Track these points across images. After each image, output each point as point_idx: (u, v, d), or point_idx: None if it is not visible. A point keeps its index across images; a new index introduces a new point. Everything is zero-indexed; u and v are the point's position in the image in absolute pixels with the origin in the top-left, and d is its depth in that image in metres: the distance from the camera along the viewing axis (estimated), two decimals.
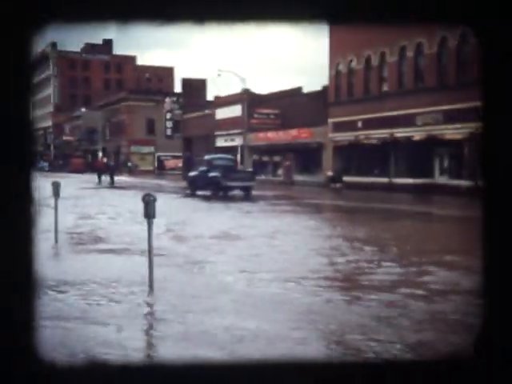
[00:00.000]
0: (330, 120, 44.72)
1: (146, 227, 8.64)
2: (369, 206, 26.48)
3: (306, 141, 47.03)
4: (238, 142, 56.20)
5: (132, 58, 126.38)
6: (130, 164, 76.90)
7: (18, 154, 1.49)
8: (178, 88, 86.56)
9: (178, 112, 68.46)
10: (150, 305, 7.95)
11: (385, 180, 39.22)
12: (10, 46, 1.46)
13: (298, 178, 48.12)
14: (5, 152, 1.48)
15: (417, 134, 36.56)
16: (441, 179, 35.56)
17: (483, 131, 1.54)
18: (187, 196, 32.30)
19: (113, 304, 7.89)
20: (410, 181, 36.85)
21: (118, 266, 10.77)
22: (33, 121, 1.51)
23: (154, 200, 8.57)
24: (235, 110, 55.82)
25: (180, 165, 67.43)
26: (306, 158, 47.62)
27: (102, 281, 9.24)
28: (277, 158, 51.90)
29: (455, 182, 34.02)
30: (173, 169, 72.55)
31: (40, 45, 1.58)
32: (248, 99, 54.33)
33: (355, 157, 42.32)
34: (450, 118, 34.02)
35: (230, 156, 38.85)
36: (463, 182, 33.25)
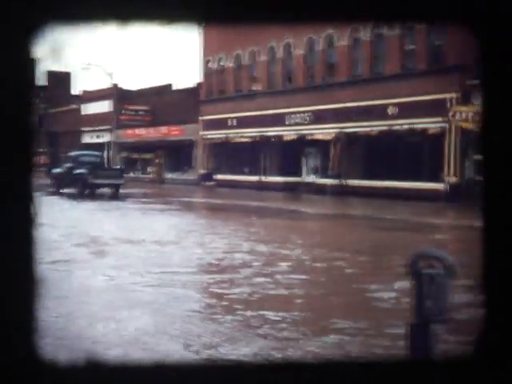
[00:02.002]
0: (202, 118, 44.39)
1: None
2: (238, 204, 26.45)
3: (177, 138, 46.41)
4: (106, 138, 54.53)
5: None
6: None
7: (19, 154, 1.50)
8: (41, 81, 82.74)
9: (41, 106, 65.45)
10: None
11: (256, 178, 39.47)
12: (10, 45, 1.48)
13: (170, 176, 47.40)
14: (5, 152, 1.49)
15: (286, 133, 37.05)
16: (309, 178, 36.28)
17: (484, 131, 1.56)
18: (50, 194, 30.73)
19: None
20: (280, 179, 37.31)
21: None
22: (33, 121, 1.51)
23: None
24: (103, 106, 54.11)
25: (43, 161, 64.54)
26: (178, 155, 47.02)
27: None
28: (147, 156, 50.88)
29: (322, 180, 34.82)
30: (36, 165, 69.23)
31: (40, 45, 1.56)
32: (116, 95, 52.85)
33: (227, 155, 42.29)
34: (317, 118, 34.74)
35: (97, 153, 37.57)
36: (330, 181, 34.08)
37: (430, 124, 28.72)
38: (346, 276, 9.85)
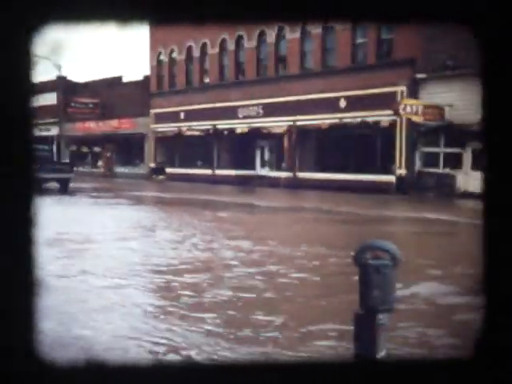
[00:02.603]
0: (153, 111, 43.89)
1: None
2: (190, 198, 26.25)
3: (127, 131, 45.78)
4: (54, 131, 53.46)
5: None
6: None
7: (19, 154, 1.50)
8: None
9: None
10: None
11: (208, 172, 39.26)
12: (10, 45, 1.48)
13: (120, 169, 46.76)
14: (5, 152, 1.49)
15: (239, 126, 36.94)
16: (262, 171, 36.27)
17: (484, 130, 1.56)
18: None
19: None
20: (233, 172, 37.20)
21: None
22: (33, 121, 1.52)
23: None
24: (50, 98, 53.01)
25: None
26: (128, 149, 46.40)
27: None
28: (97, 149, 50.07)
29: (275, 173, 34.86)
30: None
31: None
32: (64, 87, 51.80)
33: (178, 148, 41.94)
34: (270, 111, 34.74)
35: (45, 146, 36.79)
36: (283, 174, 34.15)
37: (380, 117, 29.04)
38: (302, 267, 9.83)
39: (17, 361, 1.55)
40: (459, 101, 26.45)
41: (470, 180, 26.27)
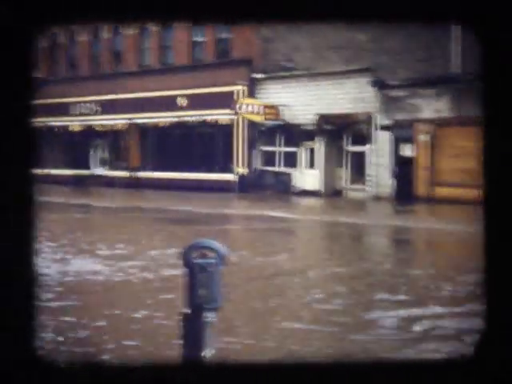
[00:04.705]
0: None
1: None
2: None
3: None
4: None
5: None
6: None
7: (19, 154, 1.51)
8: None
9: None
10: None
11: (41, 171, 37.46)
12: (10, 45, 1.49)
13: None
14: (5, 152, 1.49)
15: (72, 123, 35.59)
16: (98, 170, 35.22)
17: (485, 129, 1.57)
18: None
19: None
20: (67, 172, 35.78)
21: None
22: (33, 120, 1.54)
23: None
24: None
25: None
26: None
27: None
28: None
29: (112, 173, 34.01)
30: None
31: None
32: None
33: None
34: (106, 108, 33.83)
35: None
36: (121, 173, 33.41)
37: (220, 116, 29.28)
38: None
39: (17, 361, 1.53)
40: (294, 101, 27.36)
41: (304, 178, 27.28)
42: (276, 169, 28.48)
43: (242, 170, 28.97)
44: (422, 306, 7.38)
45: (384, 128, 24.56)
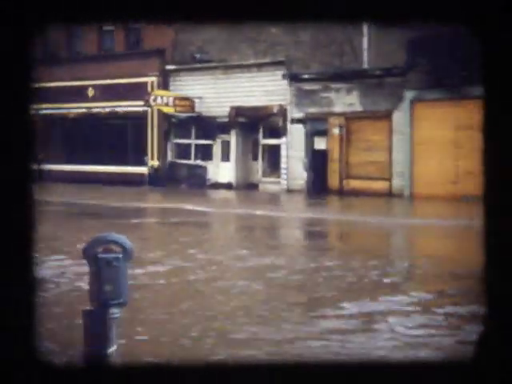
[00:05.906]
0: None
1: None
2: None
3: None
4: None
5: None
6: None
7: (19, 154, 1.56)
8: None
9: None
10: None
11: None
12: (10, 45, 1.52)
13: None
14: (5, 152, 1.52)
15: None
16: None
17: (485, 129, 1.57)
18: None
19: None
20: None
21: None
22: (33, 120, 1.61)
23: None
24: None
25: None
26: None
27: None
28: None
29: None
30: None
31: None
32: None
33: None
34: None
35: None
36: None
37: (131, 107, 28.68)
38: None
39: (17, 361, 1.53)
40: (208, 93, 27.18)
41: (219, 171, 27.18)
42: (191, 162, 28.23)
43: (155, 163, 28.54)
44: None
45: (297, 121, 24.78)
